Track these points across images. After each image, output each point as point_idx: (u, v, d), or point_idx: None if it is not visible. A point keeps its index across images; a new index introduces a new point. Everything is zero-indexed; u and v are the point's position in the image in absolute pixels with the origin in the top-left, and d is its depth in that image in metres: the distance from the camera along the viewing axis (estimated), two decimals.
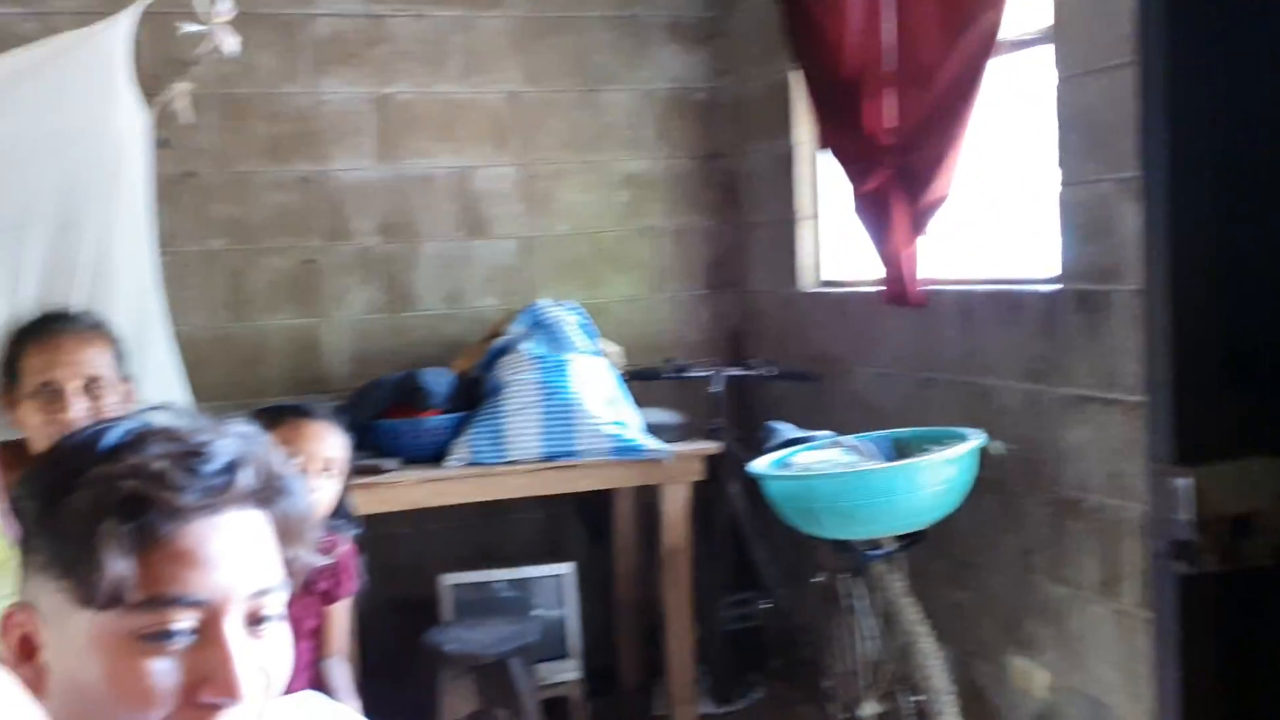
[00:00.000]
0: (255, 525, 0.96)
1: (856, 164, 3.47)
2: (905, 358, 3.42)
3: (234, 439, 0.96)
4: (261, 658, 0.94)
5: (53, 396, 2.21)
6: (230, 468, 0.93)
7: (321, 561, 1.07)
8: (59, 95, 2.54)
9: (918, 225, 3.24)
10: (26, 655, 0.93)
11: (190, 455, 0.92)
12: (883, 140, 3.32)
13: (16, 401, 2.25)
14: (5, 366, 2.29)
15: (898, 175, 3.26)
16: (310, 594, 2.29)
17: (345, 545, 2.36)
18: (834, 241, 3.97)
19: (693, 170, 4.30)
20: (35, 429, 2.22)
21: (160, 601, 0.88)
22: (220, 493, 0.92)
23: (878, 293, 3.46)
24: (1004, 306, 3.00)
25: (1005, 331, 2.98)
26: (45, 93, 2.52)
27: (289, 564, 1.01)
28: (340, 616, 2.41)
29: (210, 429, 0.96)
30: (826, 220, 3.98)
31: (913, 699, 2.78)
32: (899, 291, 3.33)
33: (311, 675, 2.35)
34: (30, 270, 2.44)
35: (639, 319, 4.25)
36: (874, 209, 3.37)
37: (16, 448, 2.30)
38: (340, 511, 2.37)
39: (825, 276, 4.01)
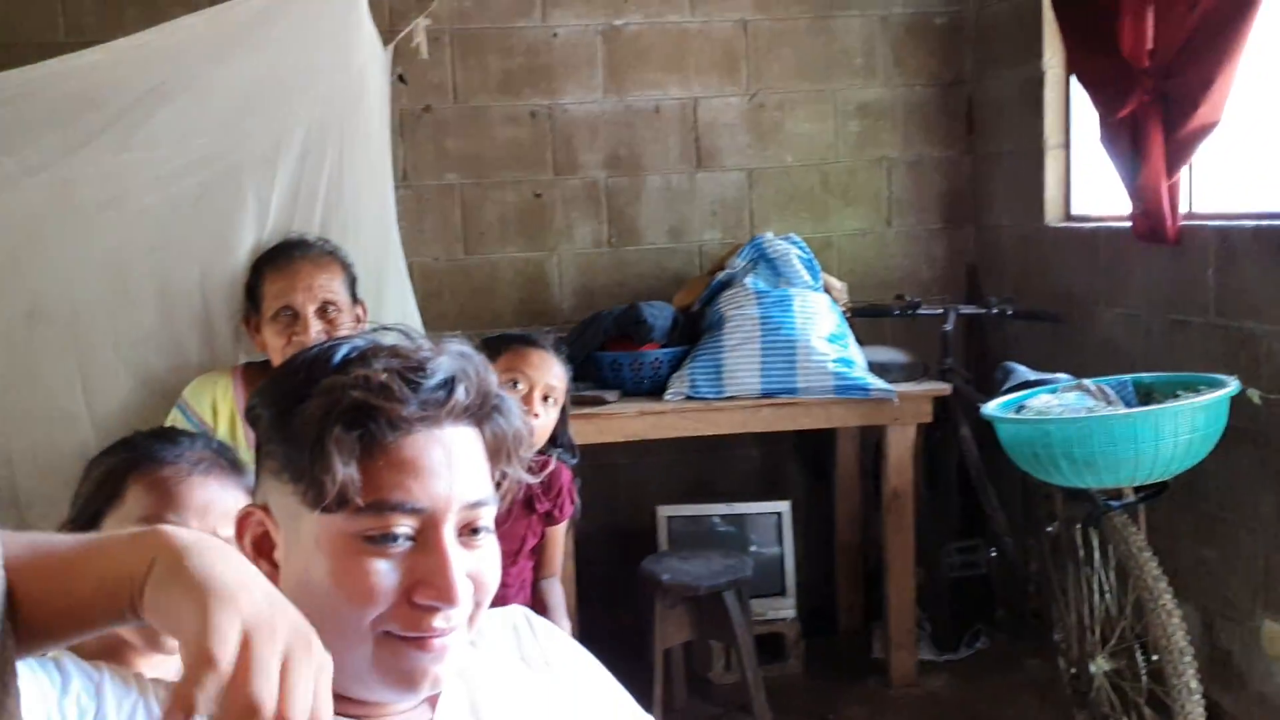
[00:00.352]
0: (470, 440, 0.99)
1: (1109, 89, 3.22)
2: (1156, 298, 3.18)
3: (452, 357, 0.99)
4: (473, 566, 0.97)
5: (291, 320, 2.35)
6: (449, 383, 0.96)
7: (532, 480, 1.09)
8: (306, 32, 2.64)
9: (1178, 155, 2.98)
10: (261, 554, 0.99)
11: (413, 370, 0.95)
12: (1141, 63, 3.06)
13: (259, 325, 2.40)
14: (249, 292, 2.44)
15: (1156, 101, 3.01)
16: (532, 514, 2.36)
17: (565, 471, 2.41)
18: (1083, 173, 3.72)
19: (930, 98, 4.11)
20: (276, 351, 2.36)
21: (383, 507, 0.92)
22: (439, 406, 0.96)
23: (1128, 229, 3.22)
24: (1272, 244, 2.73)
25: (1272, 271, 2.71)
26: (294, 30, 2.62)
27: (500, 481, 1.04)
28: (558, 539, 2.47)
29: (431, 348, 0.99)
30: (1076, 150, 3.73)
31: (1148, 658, 2.61)
32: (1152, 226, 3.09)
33: (529, 594, 2.43)
34: (276, 201, 2.57)
35: (868, 254, 4.12)
36: (1127, 138, 3.13)
37: (261, 369, 2.45)
38: (560, 439, 2.42)
39: (1074, 211, 3.76)
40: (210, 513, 1.33)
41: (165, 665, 1.27)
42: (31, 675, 0.81)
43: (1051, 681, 3.12)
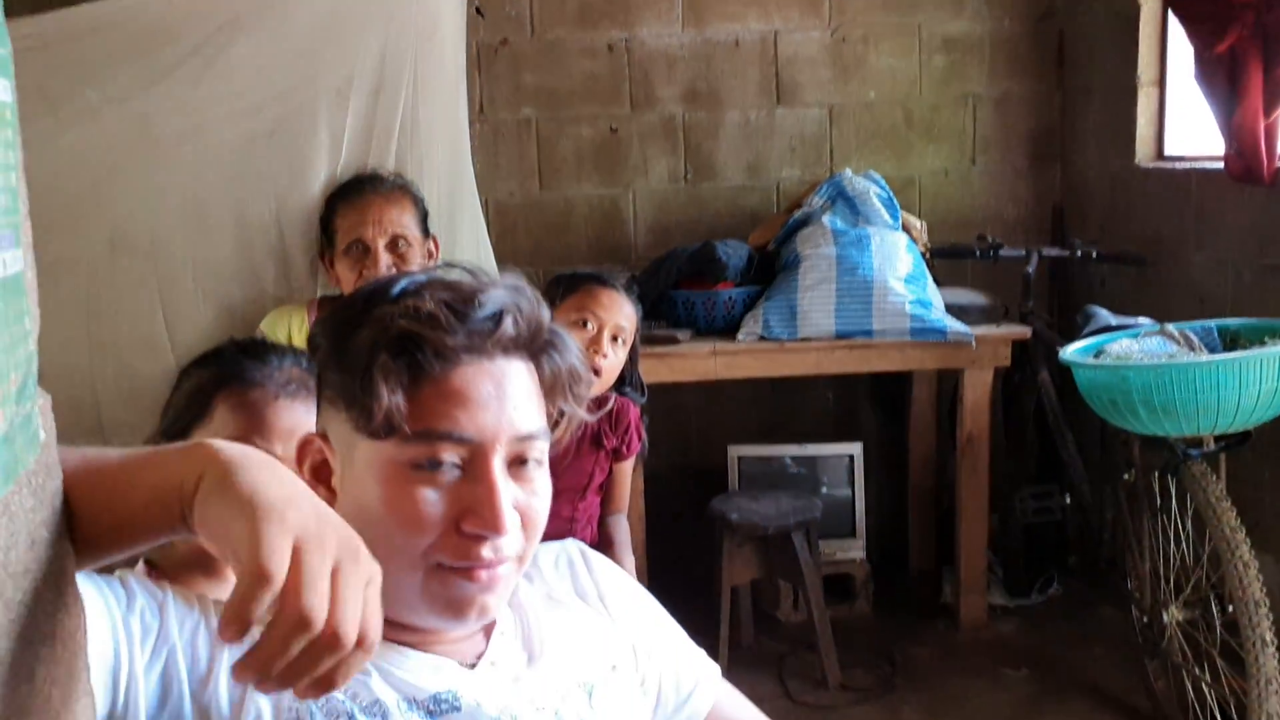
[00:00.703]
0: (522, 374, 1.00)
1: (1207, 23, 3.09)
2: (1247, 242, 3.07)
3: (504, 290, 0.99)
4: (522, 498, 0.97)
5: (361, 254, 2.38)
6: (498, 315, 0.97)
7: (590, 419, 1.09)
8: None
9: (1277, 93, 2.86)
10: (320, 480, 1.01)
11: (462, 302, 0.96)
12: None
13: (333, 260, 2.43)
14: (323, 226, 2.47)
15: (1255, 36, 2.88)
16: (600, 450, 2.37)
17: (632, 408, 2.42)
18: (1177, 111, 3.58)
19: (1018, 32, 3.98)
20: (347, 285, 2.39)
21: (431, 435, 0.94)
22: (486, 337, 0.96)
23: (1221, 170, 3.10)
24: None
25: None
26: None
27: (556, 417, 1.04)
28: (625, 475, 2.48)
29: (486, 282, 1.00)
30: (1170, 87, 3.59)
31: (1223, 610, 2.56)
32: (1247, 167, 2.97)
33: (595, 529, 2.45)
34: (350, 135, 2.58)
35: (950, 194, 4.03)
36: (1224, 74, 3.01)
37: (335, 303, 2.48)
38: (629, 378, 2.42)
39: (1167, 150, 3.63)
40: (296, 437, 1.32)
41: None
42: (97, 593, 0.84)
43: (1123, 630, 3.08)
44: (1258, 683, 2.38)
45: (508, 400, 0.97)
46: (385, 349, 0.94)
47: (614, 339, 2.31)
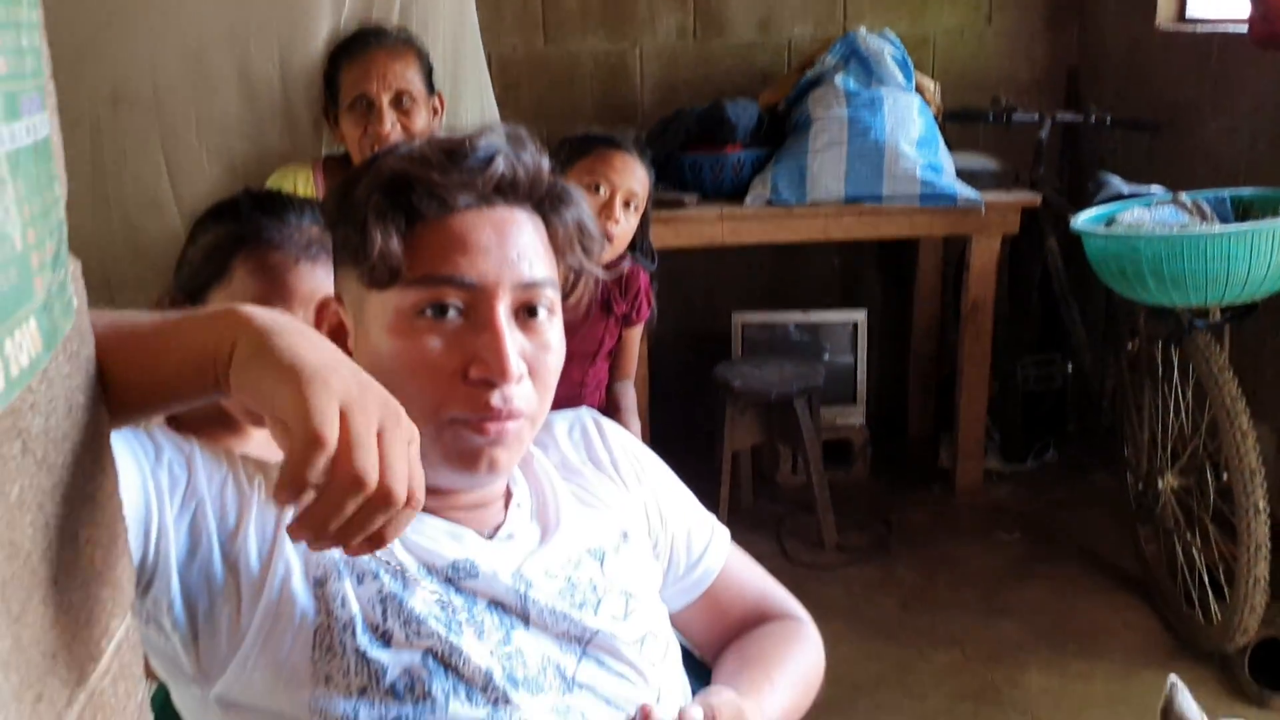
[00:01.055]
0: (528, 225, 0.99)
1: None
2: (1267, 109, 3.01)
3: (500, 137, 0.99)
4: (529, 347, 0.97)
5: (366, 109, 2.34)
6: (488, 159, 0.97)
7: (604, 275, 1.09)
8: None
9: None
10: (337, 344, 1.00)
11: (456, 147, 0.97)
12: None
13: (337, 116, 2.39)
14: (327, 82, 2.42)
15: None
16: (610, 316, 2.37)
17: (642, 274, 2.40)
18: None
19: None
20: (353, 143, 2.36)
21: (432, 280, 0.94)
22: (479, 176, 0.96)
23: (1244, 33, 3.02)
24: None
25: None
26: None
27: (568, 272, 1.04)
28: (634, 342, 2.49)
29: (485, 132, 0.99)
30: None
31: (1218, 478, 2.61)
32: (1272, 30, 2.89)
33: (603, 395, 2.47)
34: None
35: (963, 53, 3.94)
36: None
37: (340, 163, 2.46)
38: (640, 245, 2.40)
39: (1189, 13, 3.53)
40: (316, 301, 1.32)
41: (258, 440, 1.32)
42: (126, 447, 0.86)
43: (1117, 496, 3.13)
44: (1248, 548, 2.44)
45: (510, 248, 0.97)
46: (379, 191, 0.95)
47: (626, 204, 2.27)
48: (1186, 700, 1.41)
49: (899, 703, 2.53)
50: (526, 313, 0.98)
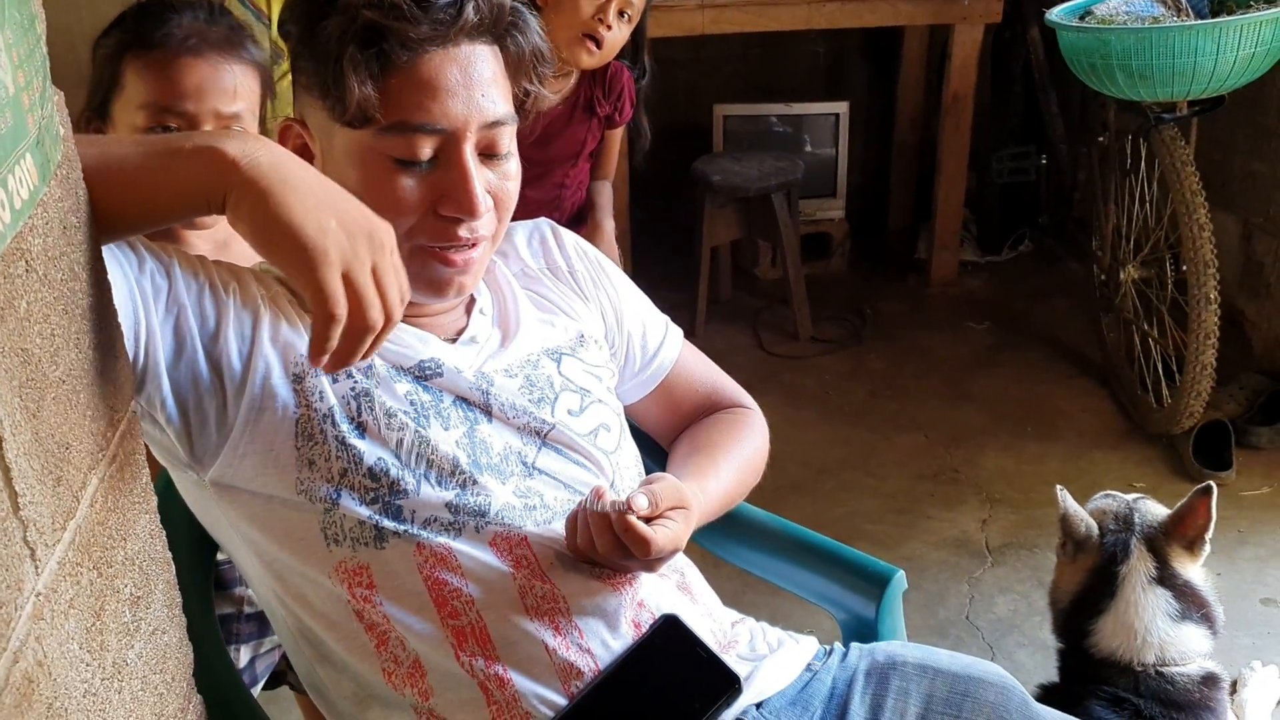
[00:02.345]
0: (487, 57, 1.04)
1: None
2: None
3: None
4: (494, 183, 1.05)
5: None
6: (459, 3, 1.00)
7: (554, 99, 1.14)
8: None
9: None
10: None
11: None
12: None
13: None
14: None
15: None
16: (593, 118, 2.37)
17: (625, 73, 2.38)
18: None
19: None
20: None
21: (405, 127, 0.99)
22: (449, 25, 0.99)
23: None
24: None
25: None
26: None
27: (522, 98, 1.08)
28: (615, 143, 2.50)
29: None
30: None
31: (1176, 270, 2.71)
32: None
33: (583, 194, 2.51)
34: None
35: None
36: None
37: None
38: (633, 58, 2.37)
39: None
40: (206, 95, 1.34)
41: (204, 239, 1.40)
42: (111, 258, 0.93)
43: (1084, 287, 3.24)
44: (1198, 336, 2.55)
45: (475, 87, 1.01)
46: (352, 40, 0.97)
47: (620, 14, 2.22)
48: (1073, 505, 1.55)
49: (862, 482, 2.70)
50: (489, 147, 1.04)
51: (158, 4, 1.39)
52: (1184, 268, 2.60)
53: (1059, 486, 1.57)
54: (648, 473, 1.21)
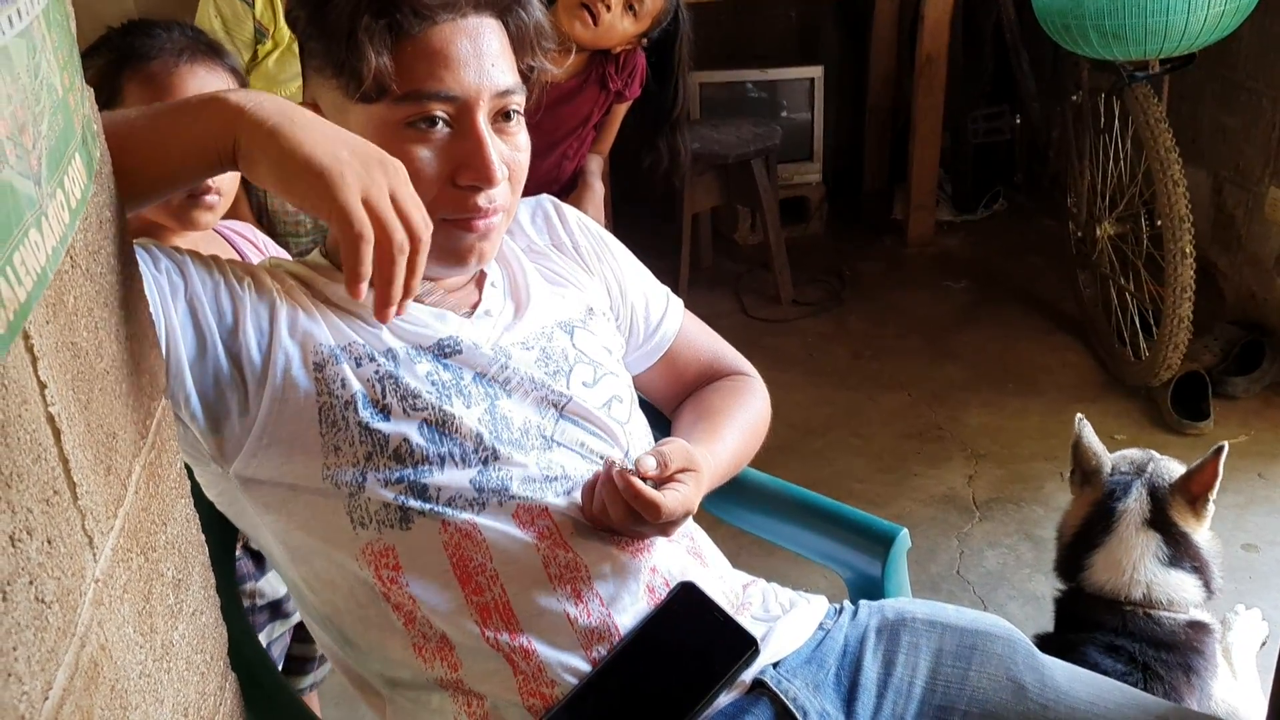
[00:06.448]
0: (494, 30, 1.06)
1: None
2: None
3: None
4: (507, 151, 1.07)
5: None
6: None
7: (556, 72, 1.16)
8: None
9: None
10: None
11: None
12: None
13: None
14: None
15: None
16: (603, 91, 2.38)
17: (640, 54, 2.39)
18: None
19: None
20: None
21: (420, 95, 1.01)
22: None
23: None
24: None
25: None
26: None
27: (526, 72, 1.10)
28: (618, 118, 2.52)
29: None
30: None
31: (1151, 225, 2.75)
32: None
33: (579, 164, 2.52)
34: None
35: None
36: None
37: None
38: (660, 75, 2.39)
39: None
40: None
41: (196, 240, 1.41)
42: None
43: (1059, 244, 3.28)
44: (1174, 290, 2.60)
45: (484, 57, 1.03)
46: (365, 10, 0.99)
47: (627, 10, 2.21)
48: (1090, 434, 1.59)
49: (848, 442, 2.74)
50: (502, 118, 1.06)
51: (142, 23, 1.44)
52: (1158, 223, 2.64)
53: (1079, 415, 1.61)
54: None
